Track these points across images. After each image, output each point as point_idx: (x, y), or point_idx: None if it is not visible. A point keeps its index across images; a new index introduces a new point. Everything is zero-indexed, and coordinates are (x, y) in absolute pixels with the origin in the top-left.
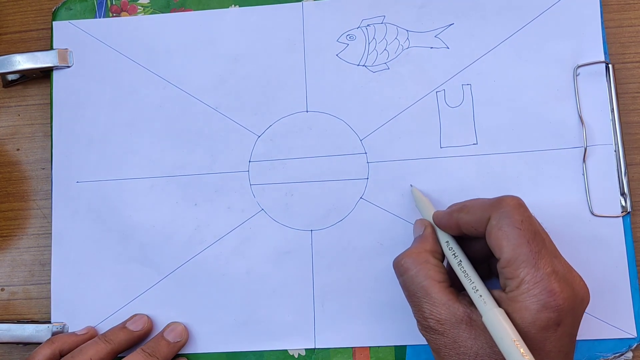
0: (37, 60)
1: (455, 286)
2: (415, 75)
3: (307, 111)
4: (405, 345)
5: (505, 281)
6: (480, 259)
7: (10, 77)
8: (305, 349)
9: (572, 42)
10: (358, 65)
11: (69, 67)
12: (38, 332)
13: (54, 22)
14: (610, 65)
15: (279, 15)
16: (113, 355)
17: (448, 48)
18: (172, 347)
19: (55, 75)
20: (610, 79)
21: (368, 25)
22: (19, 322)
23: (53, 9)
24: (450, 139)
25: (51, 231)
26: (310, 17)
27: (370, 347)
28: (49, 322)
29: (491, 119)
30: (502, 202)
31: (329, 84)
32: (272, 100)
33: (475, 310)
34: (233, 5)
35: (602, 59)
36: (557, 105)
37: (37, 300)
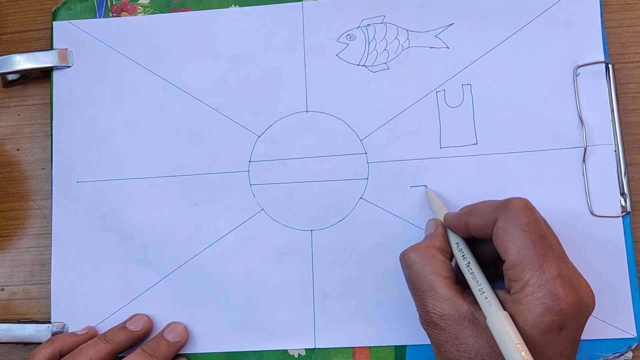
0: (37, 60)
1: (461, 284)
2: (415, 75)
3: (307, 111)
4: (405, 345)
5: (510, 283)
6: (488, 262)
7: (10, 77)
8: (305, 349)
9: (572, 42)
10: (358, 65)
11: (69, 67)
12: (38, 332)
13: (54, 22)
14: (610, 65)
15: (279, 15)
16: (113, 355)
17: (448, 48)
18: (172, 347)
19: (55, 75)
20: (610, 79)
21: (368, 25)
22: (19, 322)
23: (53, 9)
24: (450, 139)
25: (51, 231)
26: (310, 17)
27: (370, 347)
28: (49, 322)
29: (491, 119)
30: (509, 204)
31: (329, 84)
32: (272, 100)
33: (479, 310)
34: (233, 5)
35: (602, 59)
36: (557, 105)
37: (37, 300)
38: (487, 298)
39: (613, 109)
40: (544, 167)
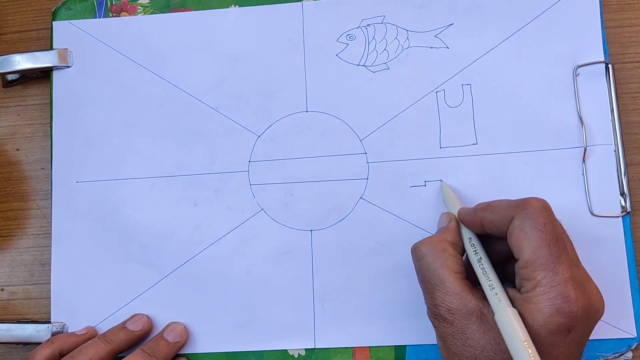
0: (37, 60)
1: (471, 280)
2: (415, 75)
3: (307, 111)
4: (405, 345)
5: (522, 282)
6: (497, 261)
7: (10, 77)
8: (305, 349)
9: (572, 42)
10: (358, 65)
11: (68, 67)
12: (38, 332)
13: (53, 22)
14: (610, 65)
15: (278, 15)
16: (113, 355)
17: (448, 48)
18: (172, 347)
19: (55, 75)
20: (610, 79)
21: (368, 25)
22: (18, 322)
23: (53, 9)
24: (450, 139)
25: (51, 231)
26: (310, 17)
27: (370, 347)
28: (49, 322)
29: (491, 118)
30: (527, 203)
31: (329, 84)
32: (272, 100)
33: (488, 306)
34: (233, 5)
35: (602, 59)
36: (557, 105)
37: (37, 300)
38: (496, 294)
39: (613, 109)
40: (544, 167)
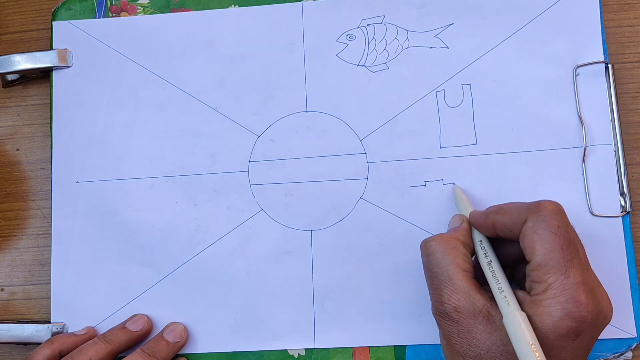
0: (36, 60)
1: (479, 281)
2: (415, 75)
3: (307, 111)
4: (405, 345)
5: (532, 284)
6: (507, 263)
7: (10, 77)
8: (305, 349)
9: (571, 42)
10: (358, 65)
11: (68, 67)
12: (38, 332)
13: (53, 22)
14: (609, 65)
15: (278, 15)
16: (113, 355)
17: (448, 48)
18: (172, 347)
19: (55, 75)
20: (610, 79)
21: (368, 25)
22: (18, 322)
23: (53, 9)
24: (450, 139)
25: (51, 231)
26: (310, 17)
27: (370, 347)
28: (49, 322)
29: (491, 119)
30: (541, 205)
31: (329, 84)
32: (272, 100)
33: (495, 307)
34: (233, 5)
35: (602, 59)
36: (556, 105)
37: (37, 301)
38: (505, 297)
39: (613, 108)
40: (543, 167)
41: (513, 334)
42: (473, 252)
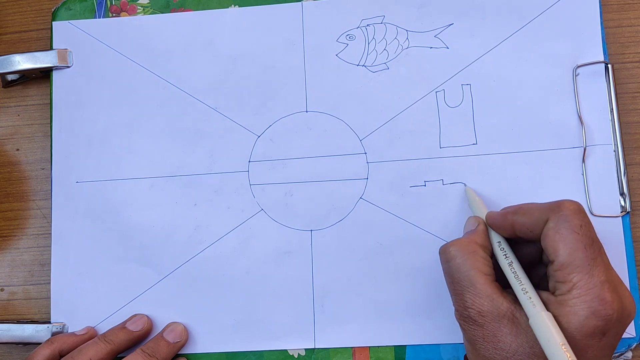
0: (36, 60)
1: (500, 283)
2: (415, 75)
3: (307, 111)
4: (405, 345)
5: (556, 284)
6: (525, 264)
7: (10, 77)
8: (305, 349)
9: (571, 42)
10: (358, 65)
11: (68, 67)
12: (38, 332)
13: (53, 22)
14: (609, 65)
15: (278, 15)
16: (113, 355)
17: (448, 48)
18: (172, 347)
19: (55, 75)
20: (610, 79)
21: (368, 25)
22: (18, 322)
23: (53, 9)
24: (450, 139)
25: (51, 231)
26: (309, 17)
27: (370, 347)
28: (49, 323)
29: (491, 119)
30: (562, 205)
31: (329, 84)
32: (272, 100)
33: (520, 309)
34: (233, 5)
35: (602, 59)
36: (556, 105)
37: (37, 301)
38: (530, 298)
39: (612, 109)
40: (543, 167)
41: (541, 335)
42: (492, 254)
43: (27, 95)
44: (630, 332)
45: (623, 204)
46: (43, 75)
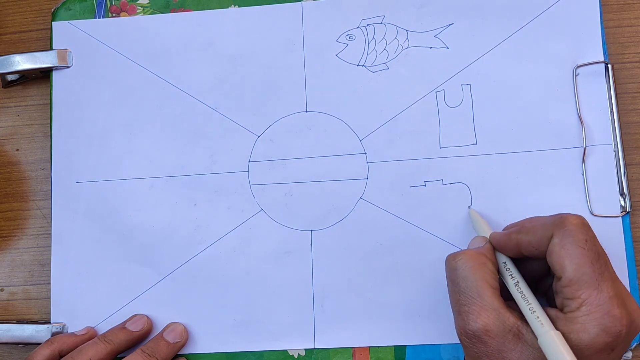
0: (36, 60)
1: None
2: (415, 75)
3: (307, 111)
4: (405, 345)
5: (564, 301)
6: (531, 280)
7: (10, 77)
8: (305, 349)
9: (571, 42)
10: (357, 65)
11: (68, 67)
12: (37, 332)
13: (53, 23)
14: (609, 66)
15: (278, 15)
16: (113, 355)
17: (448, 48)
18: (172, 347)
19: (55, 75)
20: (610, 79)
21: (367, 25)
22: (18, 322)
23: (52, 9)
24: (449, 139)
25: (51, 231)
26: (309, 17)
27: (370, 347)
28: (49, 323)
29: (491, 119)
30: (565, 220)
31: (329, 84)
32: (271, 100)
33: (525, 325)
34: (232, 5)
35: (602, 59)
36: (556, 105)
37: (37, 301)
38: (538, 317)
39: (612, 109)
40: (543, 167)
41: (551, 355)
42: (498, 271)
43: (27, 96)
44: None
45: (623, 204)
46: (43, 76)
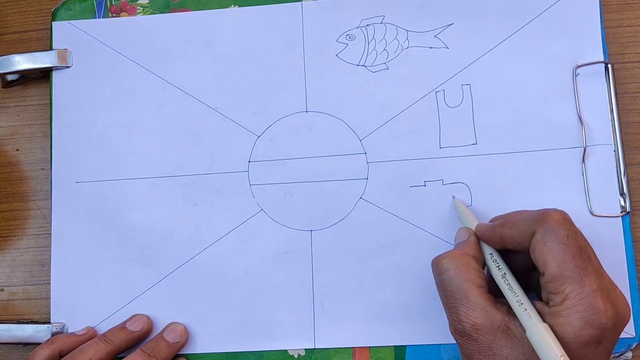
0: (36, 60)
1: (493, 294)
2: (415, 75)
3: (307, 111)
4: (405, 345)
5: (549, 295)
6: (520, 272)
7: (10, 77)
8: (305, 349)
9: (571, 42)
10: (357, 65)
11: (68, 67)
12: (38, 332)
13: (53, 23)
14: (609, 65)
15: (278, 15)
16: (113, 355)
17: (447, 48)
18: (172, 347)
19: (55, 75)
20: (610, 79)
21: (367, 25)
22: (18, 322)
23: (53, 9)
24: (449, 139)
25: (51, 231)
26: (309, 17)
27: (370, 347)
28: (49, 323)
29: (491, 119)
30: (547, 216)
31: (329, 84)
32: (271, 100)
33: (514, 320)
34: (232, 5)
35: (602, 59)
36: (556, 105)
37: (37, 301)
38: (526, 310)
39: (612, 109)
40: (543, 167)
41: (539, 347)
42: (484, 264)
43: (27, 96)
44: (629, 332)
45: (623, 204)
46: (43, 76)
